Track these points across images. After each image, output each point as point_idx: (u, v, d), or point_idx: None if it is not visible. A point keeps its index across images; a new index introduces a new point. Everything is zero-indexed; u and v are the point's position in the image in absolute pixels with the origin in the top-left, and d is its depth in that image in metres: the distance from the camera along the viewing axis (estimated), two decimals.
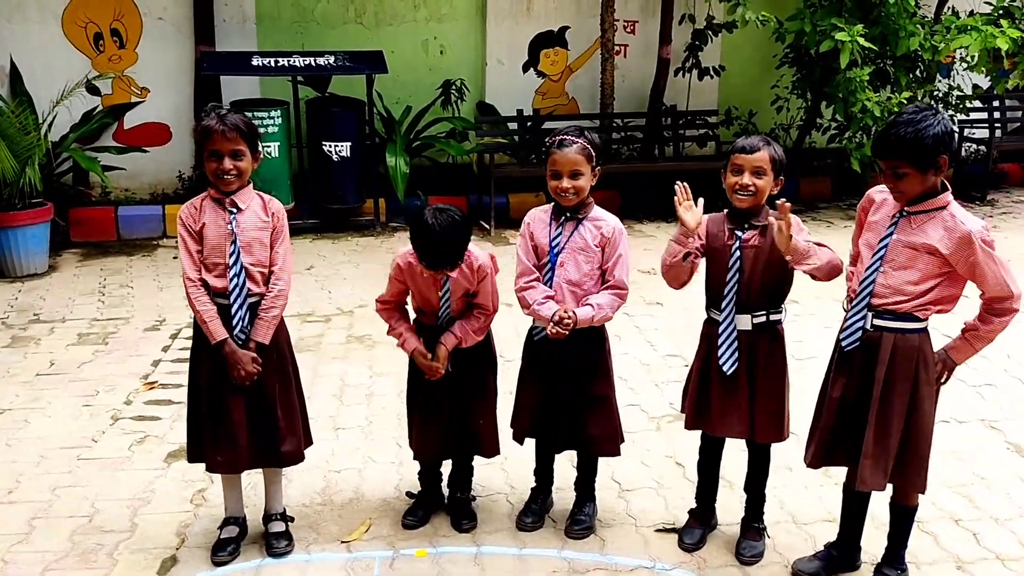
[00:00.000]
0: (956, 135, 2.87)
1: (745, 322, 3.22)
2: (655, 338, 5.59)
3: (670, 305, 6.08)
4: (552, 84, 9.33)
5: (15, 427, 4.33)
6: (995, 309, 2.92)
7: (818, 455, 3.11)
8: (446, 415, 3.44)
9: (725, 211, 3.28)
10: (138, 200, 8.43)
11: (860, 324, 2.98)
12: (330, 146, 7.95)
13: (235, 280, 3.15)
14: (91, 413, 4.49)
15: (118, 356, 5.24)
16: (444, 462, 3.66)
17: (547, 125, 8.96)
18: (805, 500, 3.74)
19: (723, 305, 3.22)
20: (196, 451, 3.30)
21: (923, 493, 3.12)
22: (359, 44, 8.54)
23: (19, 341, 5.47)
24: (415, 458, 3.59)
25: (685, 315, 5.54)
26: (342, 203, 8.17)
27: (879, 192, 3.07)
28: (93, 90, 8.19)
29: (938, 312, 2.95)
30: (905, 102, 8.21)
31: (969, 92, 9.26)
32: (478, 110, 9.06)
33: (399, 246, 7.60)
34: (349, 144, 7.99)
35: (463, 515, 3.57)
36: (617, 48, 9.04)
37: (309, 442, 3.46)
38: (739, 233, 3.21)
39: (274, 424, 3.25)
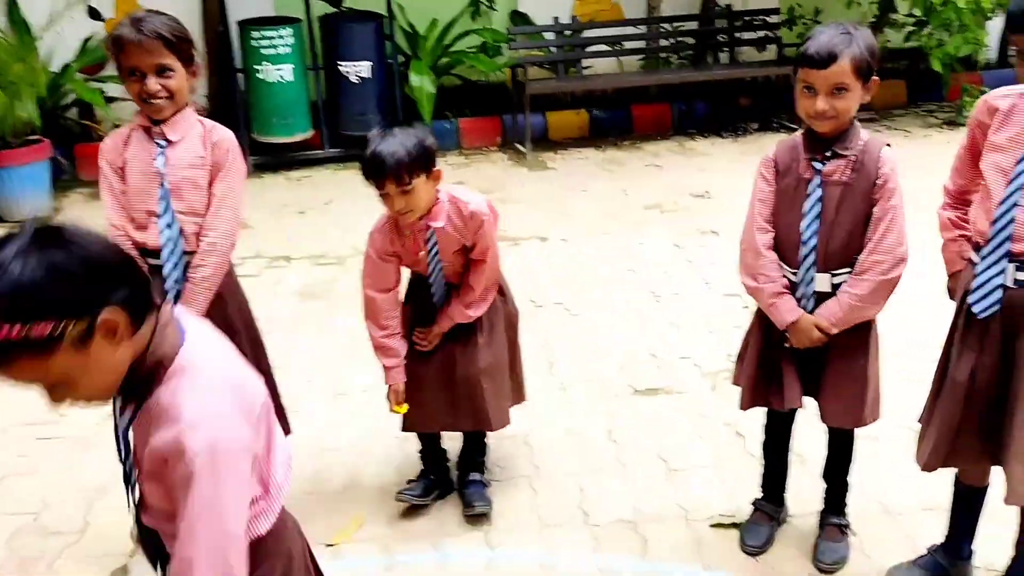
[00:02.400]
0: None
1: (823, 282, 2.48)
2: (711, 275, 4.85)
3: (728, 234, 5.31)
4: None
5: None
6: None
7: (938, 454, 2.35)
8: (441, 381, 2.87)
9: (800, 132, 2.52)
10: None
11: (999, 281, 2.20)
12: (348, 66, 7.21)
13: (166, 232, 2.52)
14: None
15: None
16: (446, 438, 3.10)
17: (588, 33, 8.12)
18: (896, 483, 3.03)
19: (800, 260, 2.48)
20: None
21: None
22: None
23: None
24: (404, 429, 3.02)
25: None
26: (364, 129, 7.22)
27: (1002, 98, 2.25)
28: (95, 14, 7.58)
29: None
30: None
31: None
32: (512, 20, 8.21)
33: None
34: (369, 64, 7.23)
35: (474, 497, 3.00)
36: None
37: (283, 431, 2.84)
38: (818, 165, 2.45)
39: None
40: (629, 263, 5.09)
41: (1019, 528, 2.45)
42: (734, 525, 2.86)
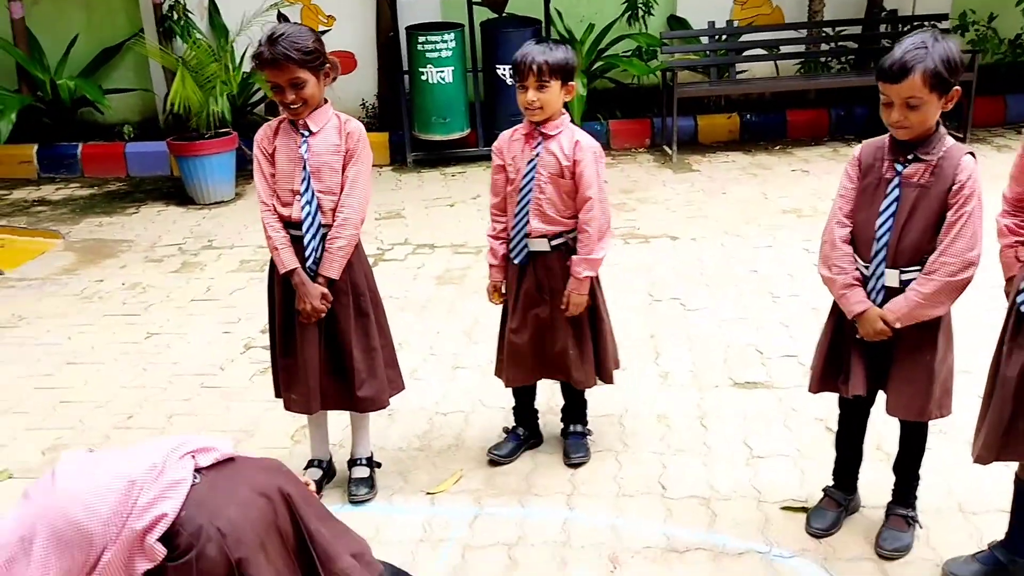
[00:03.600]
0: None
1: (892, 278, 2.60)
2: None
3: None
4: None
5: (155, 352, 4.46)
6: None
7: (990, 448, 2.45)
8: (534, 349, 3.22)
9: (888, 135, 2.63)
10: None
11: None
12: (504, 69, 7.61)
13: (307, 208, 2.94)
14: (227, 340, 4.54)
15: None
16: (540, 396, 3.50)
17: (745, 38, 8.16)
18: (976, 483, 3.04)
19: (872, 254, 2.61)
20: (278, 387, 3.17)
21: None
22: None
23: (187, 267, 5.67)
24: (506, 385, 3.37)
25: None
26: None
27: None
28: (283, 19, 8.36)
29: None
30: None
31: None
32: (668, 25, 8.37)
33: None
34: None
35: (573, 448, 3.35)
36: None
37: (398, 388, 3.22)
38: (899, 167, 2.56)
39: (350, 367, 3.03)
40: (754, 264, 5.18)
41: None
42: (803, 509, 2.98)
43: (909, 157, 2.55)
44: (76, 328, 4.78)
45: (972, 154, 2.55)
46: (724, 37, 8.15)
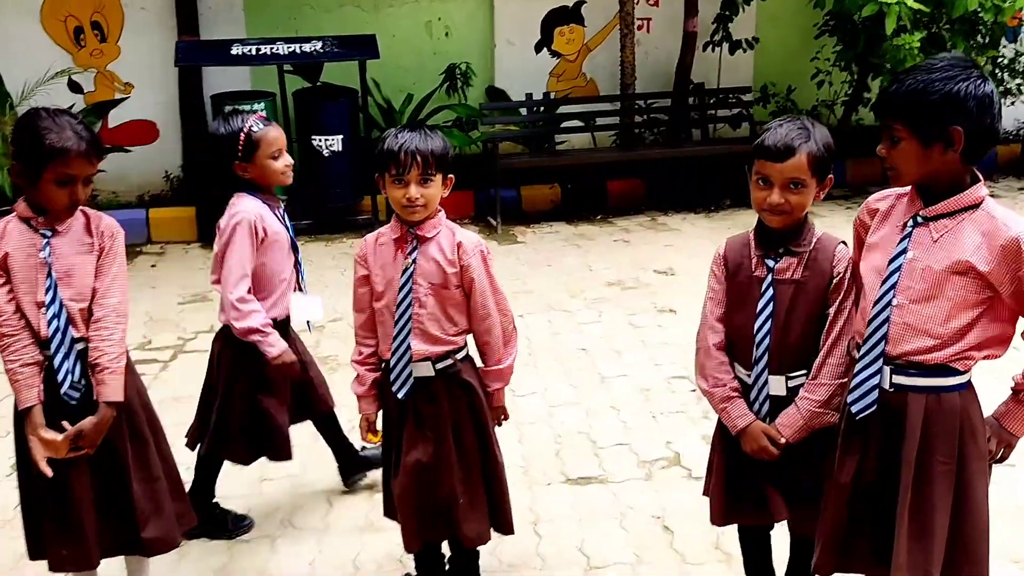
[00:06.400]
0: (995, 107, 2.05)
1: (778, 386, 2.37)
2: (662, 355, 4.80)
3: (686, 312, 5.28)
4: (568, 64, 8.54)
5: None
6: None
7: (828, 558, 2.25)
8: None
9: (752, 229, 2.44)
10: (124, 203, 7.90)
11: (874, 382, 2.15)
12: (320, 140, 7.30)
13: (55, 322, 2.47)
14: None
15: None
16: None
17: (562, 109, 8.22)
18: None
19: (754, 361, 2.37)
20: (36, 544, 2.64)
21: None
22: (358, 28, 7.86)
23: None
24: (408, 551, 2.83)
25: None
26: (336, 201, 7.51)
27: (880, 200, 2.26)
28: (75, 87, 7.72)
29: (986, 359, 2.12)
30: None
31: None
32: (487, 95, 8.33)
33: None
34: (341, 137, 7.32)
35: None
36: (639, 22, 8.24)
37: (189, 521, 2.78)
38: (770, 262, 2.37)
39: (130, 504, 2.58)
40: (582, 341, 5.05)
41: None
42: None
43: (779, 251, 2.36)
44: None
45: (845, 243, 2.42)
46: (542, 108, 8.19)
